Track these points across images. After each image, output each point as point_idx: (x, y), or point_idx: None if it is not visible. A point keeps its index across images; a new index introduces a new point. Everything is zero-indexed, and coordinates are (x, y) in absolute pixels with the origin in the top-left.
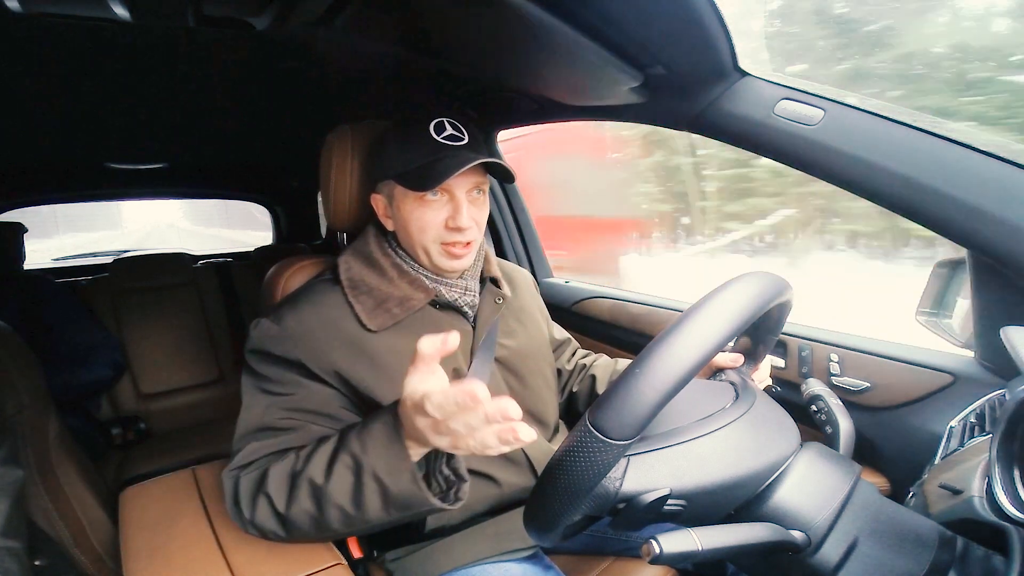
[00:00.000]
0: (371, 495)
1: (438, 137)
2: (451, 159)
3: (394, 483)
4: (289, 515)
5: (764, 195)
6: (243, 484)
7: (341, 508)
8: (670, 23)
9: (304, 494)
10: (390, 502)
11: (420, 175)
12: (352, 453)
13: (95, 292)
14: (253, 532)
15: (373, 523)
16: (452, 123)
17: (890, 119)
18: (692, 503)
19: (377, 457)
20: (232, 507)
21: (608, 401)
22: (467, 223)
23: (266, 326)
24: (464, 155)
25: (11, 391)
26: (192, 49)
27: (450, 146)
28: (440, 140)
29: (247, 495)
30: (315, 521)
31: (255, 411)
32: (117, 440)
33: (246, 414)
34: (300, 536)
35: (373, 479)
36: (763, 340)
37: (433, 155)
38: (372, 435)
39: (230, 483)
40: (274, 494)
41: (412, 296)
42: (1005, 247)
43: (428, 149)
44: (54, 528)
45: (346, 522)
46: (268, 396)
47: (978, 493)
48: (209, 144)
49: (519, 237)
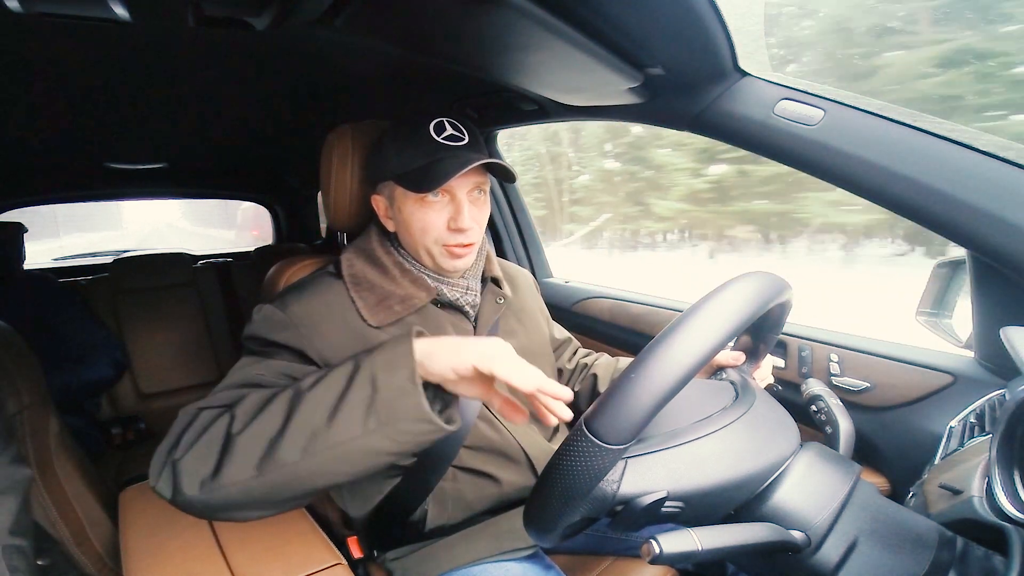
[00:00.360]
0: (355, 399)
1: (438, 137)
2: (451, 160)
3: (388, 379)
4: (239, 437)
5: (591, 204)
6: (203, 416)
7: (312, 420)
8: (670, 23)
9: (277, 407)
10: (375, 405)
11: (420, 176)
12: (354, 359)
13: (95, 292)
14: (164, 482)
15: (339, 444)
16: (452, 123)
17: (890, 119)
18: (690, 505)
19: (377, 357)
20: (169, 440)
21: (604, 406)
22: (469, 224)
23: (269, 311)
24: (465, 155)
25: (12, 391)
26: (192, 49)
27: (450, 146)
28: (440, 140)
29: (201, 424)
30: (268, 445)
31: (244, 368)
32: (117, 440)
33: (233, 371)
34: (227, 477)
35: (367, 379)
36: (764, 339)
37: (433, 156)
38: (380, 345)
39: (184, 417)
40: (239, 412)
41: (414, 295)
42: (1005, 247)
43: (428, 150)
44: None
45: (306, 444)
46: (262, 359)
47: (978, 493)
48: (209, 144)
49: (519, 237)
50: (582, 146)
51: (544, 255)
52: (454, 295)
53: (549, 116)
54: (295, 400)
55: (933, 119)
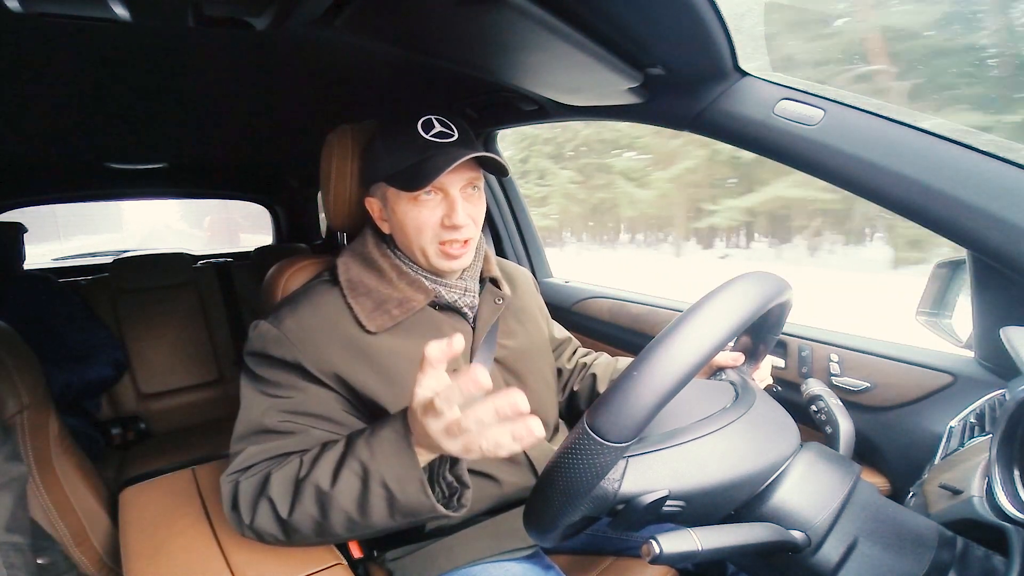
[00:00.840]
0: (377, 501)
1: (426, 135)
2: (441, 156)
3: (402, 492)
4: (291, 520)
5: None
6: (243, 488)
7: (346, 514)
8: (670, 23)
9: (309, 499)
10: (396, 509)
11: (410, 175)
12: (360, 460)
13: (95, 292)
14: (251, 536)
15: (377, 528)
16: (440, 120)
17: (890, 119)
18: (691, 504)
19: (386, 464)
20: (230, 511)
21: (606, 404)
22: (463, 220)
23: (265, 328)
24: (454, 151)
25: (12, 390)
26: (192, 49)
27: (439, 143)
28: (428, 138)
29: (247, 500)
30: (318, 526)
31: (253, 413)
32: (117, 440)
33: (244, 416)
34: (300, 540)
35: (381, 486)
36: (764, 339)
37: (422, 154)
38: (381, 442)
39: (229, 487)
40: (277, 499)
41: (412, 297)
42: (1005, 247)
43: (417, 148)
44: (54, 527)
45: (349, 527)
46: (267, 398)
47: (978, 493)
48: (209, 144)
49: (519, 237)
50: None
51: (544, 255)
52: (452, 297)
53: (549, 116)
54: (323, 498)
55: (933, 119)
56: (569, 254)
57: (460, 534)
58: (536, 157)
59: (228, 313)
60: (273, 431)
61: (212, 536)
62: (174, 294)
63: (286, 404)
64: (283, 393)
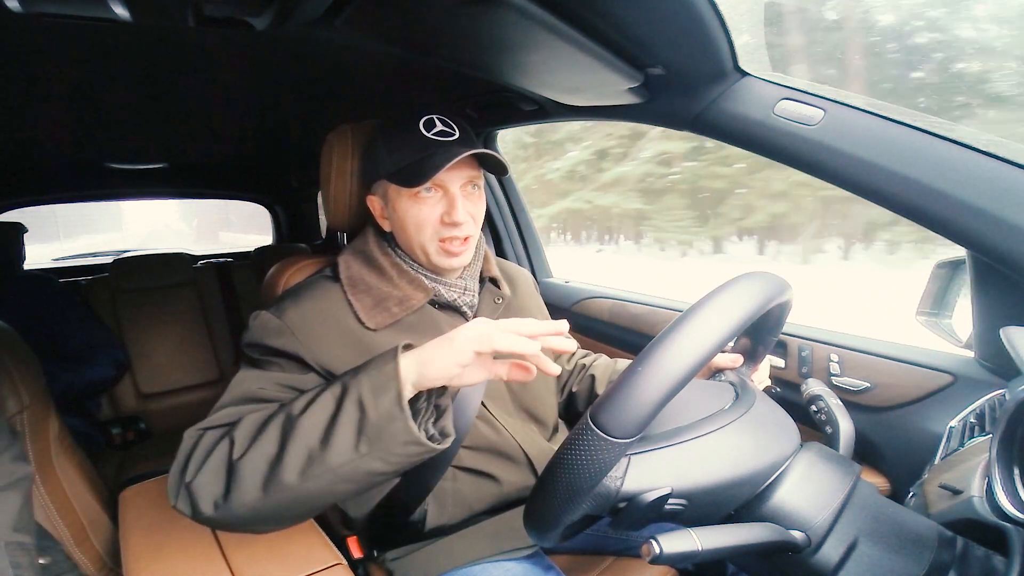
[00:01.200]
0: (345, 423)
1: (428, 133)
2: (442, 153)
3: (375, 405)
4: (241, 462)
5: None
6: (205, 439)
7: (306, 444)
8: (670, 23)
9: (272, 432)
10: (364, 430)
11: (411, 172)
12: (342, 381)
13: (95, 292)
14: (183, 502)
15: (331, 466)
16: (442, 120)
17: (890, 119)
18: (693, 503)
19: (364, 379)
20: (179, 462)
21: (610, 399)
22: (463, 217)
23: (266, 318)
24: (455, 149)
25: (12, 391)
26: (192, 49)
27: (440, 141)
28: (430, 136)
29: (204, 448)
30: (268, 468)
31: (244, 382)
32: (117, 440)
33: (233, 385)
34: (237, 499)
35: (355, 404)
36: (763, 340)
37: (423, 151)
38: (366, 366)
39: (189, 440)
40: (239, 437)
41: (411, 296)
42: (1005, 247)
43: (418, 146)
44: (55, 527)
45: (303, 468)
46: (261, 371)
47: (978, 493)
48: (209, 144)
49: (519, 237)
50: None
51: (544, 255)
52: (451, 296)
53: (549, 116)
54: (288, 424)
55: (933, 119)
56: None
57: (460, 534)
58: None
59: (228, 313)
60: (261, 399)
61: (212, 536)
62: (174, 294)
63: (280, 378)
64: (279, 370)
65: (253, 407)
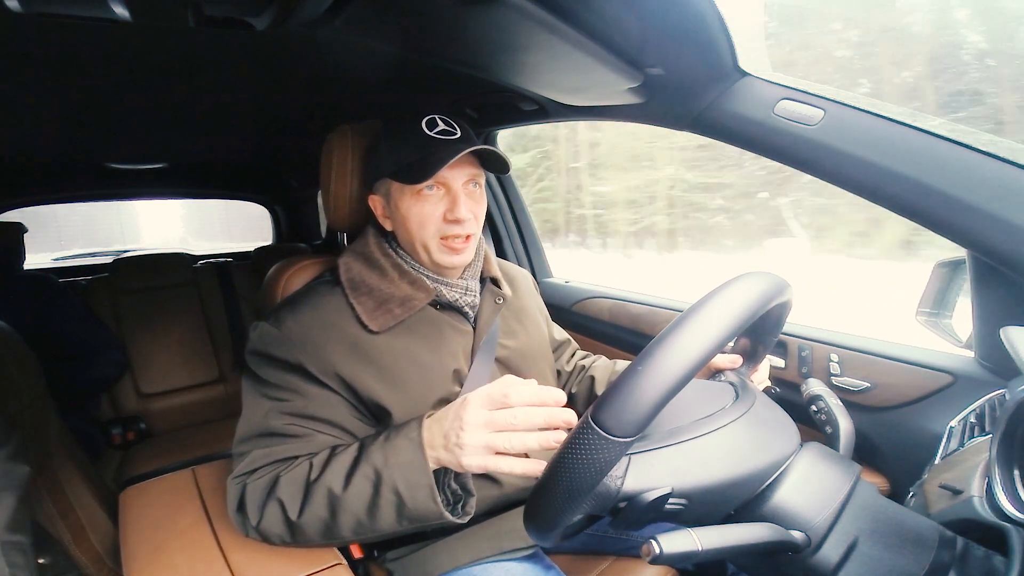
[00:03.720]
0: (387, 507)
1: (430, 132)
2: (444, 151)
3: (412, 498)
4: (300, 522)
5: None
6: (250, 491)
7: (355, 517)
8: (670, 23)
9: (319, 502)
10: (404, 515)
11: (415, 168)
12: (374, 465)
13: (95, 292)
14: (255, 537)
15: (383, 532)
16: (444, 119)
17: (890, 119)
18: (693, 502)
19: (399, 471)
20: (236, 513)
21: (611, 398)
22: (465, 215)
23: (265, 329)
24: (457, 147)
25: (12, 390)
26: (192, 49)
27: (443, 140)
28: (432, 135)
29: (255, 502)
30: (326, 528)
31: (256, 415)
32: (117, 440)
33: (247, 418)
34: (305, 541)
35: (392, 492)
36: (763, 341)
37: (426, 149)
38: (395, 449)
39: (236, 489)
40: (287, 501)
41: (413, 296)
42: (1005, 247)
43: (421, 144)
44: (55, 527)
45: (357, 530)
46: (269, 400)
47: (978, 493)
48: (209, 144)
49: (519, 237)
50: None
51: (544, 255)
52: (453, 296)
53: (549, 116)
54: (333, 500)
55: (933, 119)
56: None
57: (460, 534)
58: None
59: (228, 313)
60: (278, 434)
61: (212, 536)
62: (174, 294)
63: (290, 407)
64: (286, 396)
65: (273, 445)
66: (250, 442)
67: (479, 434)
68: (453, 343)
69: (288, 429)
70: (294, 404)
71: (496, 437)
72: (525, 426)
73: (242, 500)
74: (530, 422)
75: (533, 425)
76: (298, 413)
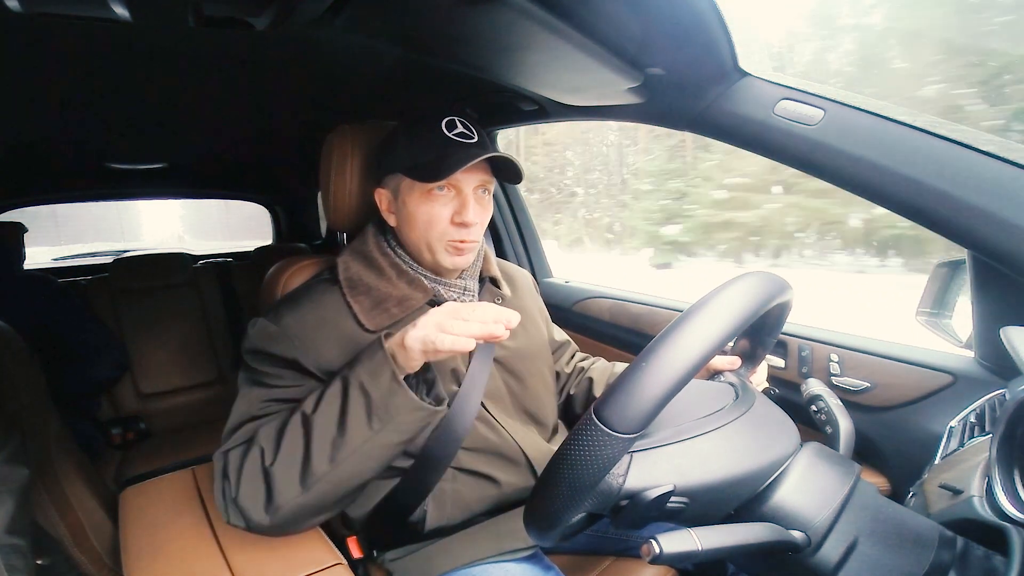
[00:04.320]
0: (356, 408)
1: (449, 133)
2: (462, 153)
3: (376, 387)
4: (275, 467)
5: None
6: (232, 457)
7: (328, 435)
8: (670, 23)
9: (294, 433)
10: (373, 410)
11: (430, 167)
12: (341, 376)
13: (95, 292)
14: (237, 521)
15: (358, 448)
16: (462, 122)
17: (890, 119)
18: (694, 501)
19: (360, 368)
20: (219, 484)
21: (614, 394)
22: (474, 219)
23: (263, 325)
24: (474, 151)
25: (12, 391)
26: (192, 49)
27: (461, 142)
28: (451, 136)
29: (235, 464)
30: (302, 466)
31: (250, 401)
32: (117, 440)
33: (240, 404)
34: (284, 501)
35: (359, 390)
36: (762, 342)
37: (444, 150)
38: (359, 360)
39: (220, 461)
40: (265, 445)
41: (411, 296)
42: (1005, 247)
43: (439, 144)
44: (54, 527)
45: (332, 455)
46: (264, 389)
47: (978, 493)
48: (209, 144)
49: (519, 237)
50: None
51: (544, 255)
52: (451, 296)
53: (549, 116)
54: (306, 423)
55: (933, 119)
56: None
57: (460, 534)
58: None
59: (228, 313)
60: (267, 415)
61: (212, 536)
62: (174, 294)
63: (283, 394)
64: (280, 383)
65: (263, 423)
66: (239, 430)
67: (429, 326)
68: None
69: (275, 410)
70: (288, 392)
71: (444, 322)
72: (474, 319)
73: (225, 468)
74: (478, 318)
75: (482, 318)
76: (286, 398)
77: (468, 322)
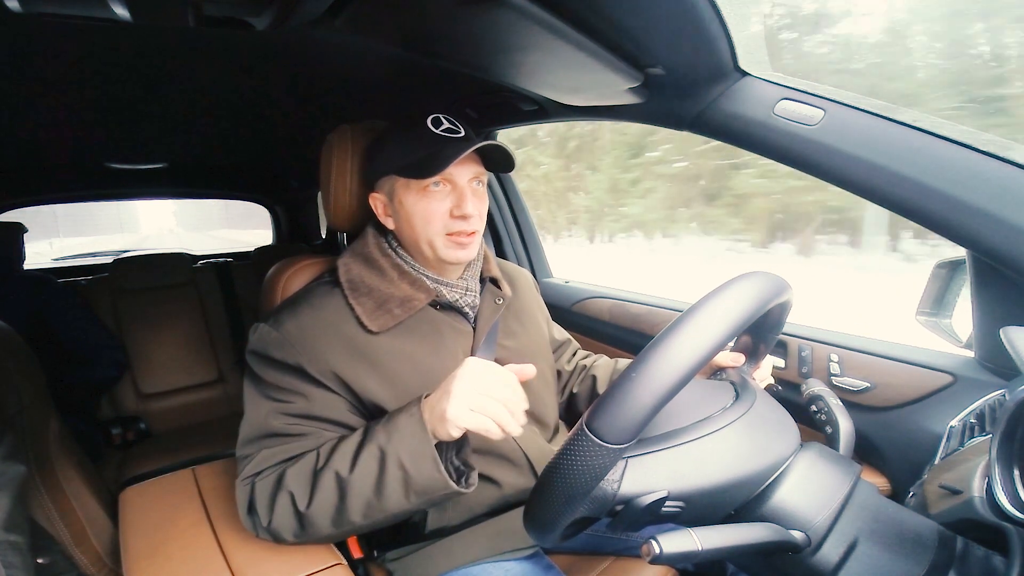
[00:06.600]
0: (393, 482)
1: (436, 130)
2: (452, 147)
3: (416, 470)
4: (310, 512)
5: None
6: (259, 489)
7: (364, 498)
8: (670, 23)
9: (328, 487)
10: (411, 488)
11: (423, 164)
12: (378, 444)
13: (95, 292)
14: (266, 537)
15: (392, 511)
16: (448, 119)
17: (890, 119)
18: (691, 504)
19: (402, 445)
20: (246, 515)
21: (604, 405)
22: (472, 210)
23: (265, 331)
24: (465, 144)
25: (12, 391)
26: (192, 49)
27: (450, 138)
28: (439, 133)
29: (264, 500)
30: (336, 514)
31: (258, 417)
32: (117, 440)
33: (250, 419)
34: (314, 533)
35: (397, 467)
36: (764, 339)
37: (435, 146)
38: (397, 425)
39: (245, 491)
40: (296, 492)
41: (413, 296)
42: (1005, 247)
43: (428, 141)
44: (54, 527)
45: (367, 512)
46: (271, 402)
47: (978, 493)
48: (209, 144)
49: (519, 237)
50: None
51: (544, 255)
52: (453, 296)
53: (549, 116)
54: (340, 484)
55: (933, 119)
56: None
57: (460, 534)
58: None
59: (228, 313)
60: (281, 434)
61: (212, 536)
62: (174, 294)
63: (291, 408)
64: (287, 397)
65: (278, 445)
66: (254, 444)
67: (462, 401)
68: (453, 343)
69: (291, 429)
70: (295, 405)
71: (476, 400)
72: (500, 398)
73: (252, 501)
74: (502, 395)
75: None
76: (300, 414)
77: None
